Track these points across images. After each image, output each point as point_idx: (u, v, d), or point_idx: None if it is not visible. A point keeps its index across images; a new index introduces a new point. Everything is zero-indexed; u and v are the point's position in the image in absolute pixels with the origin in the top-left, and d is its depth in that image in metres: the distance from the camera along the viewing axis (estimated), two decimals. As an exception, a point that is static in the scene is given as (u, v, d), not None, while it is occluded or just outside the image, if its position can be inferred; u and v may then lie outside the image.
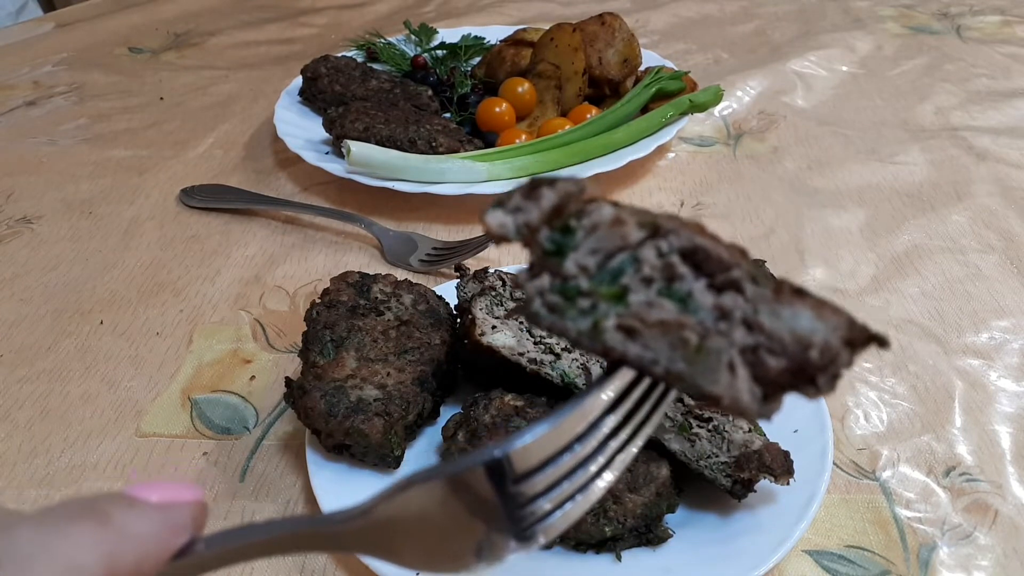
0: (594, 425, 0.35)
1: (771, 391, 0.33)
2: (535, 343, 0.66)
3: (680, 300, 0.33)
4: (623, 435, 0.36)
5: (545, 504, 0.34)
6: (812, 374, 0.32)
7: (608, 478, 0.36)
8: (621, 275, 0.34)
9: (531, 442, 0.33)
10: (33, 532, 0.28)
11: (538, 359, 0.66)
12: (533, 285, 0.35)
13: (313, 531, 0.35)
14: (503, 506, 0.34)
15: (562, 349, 0.67)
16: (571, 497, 0.35)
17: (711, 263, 0.33)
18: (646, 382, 0.36)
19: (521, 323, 0.67)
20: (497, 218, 0.35)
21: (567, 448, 0.35)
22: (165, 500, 0.33)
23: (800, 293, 0.33)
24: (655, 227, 0.34)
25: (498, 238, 0.36)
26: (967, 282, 0.91)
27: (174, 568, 0.32)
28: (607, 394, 0.35)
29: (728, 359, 0.32)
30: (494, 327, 0.66)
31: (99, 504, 0.30)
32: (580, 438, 0.35)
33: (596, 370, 0.67)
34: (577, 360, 0.67)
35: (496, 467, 0.33)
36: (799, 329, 0.32)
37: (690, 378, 0.32)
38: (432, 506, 0.34)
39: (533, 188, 0.35)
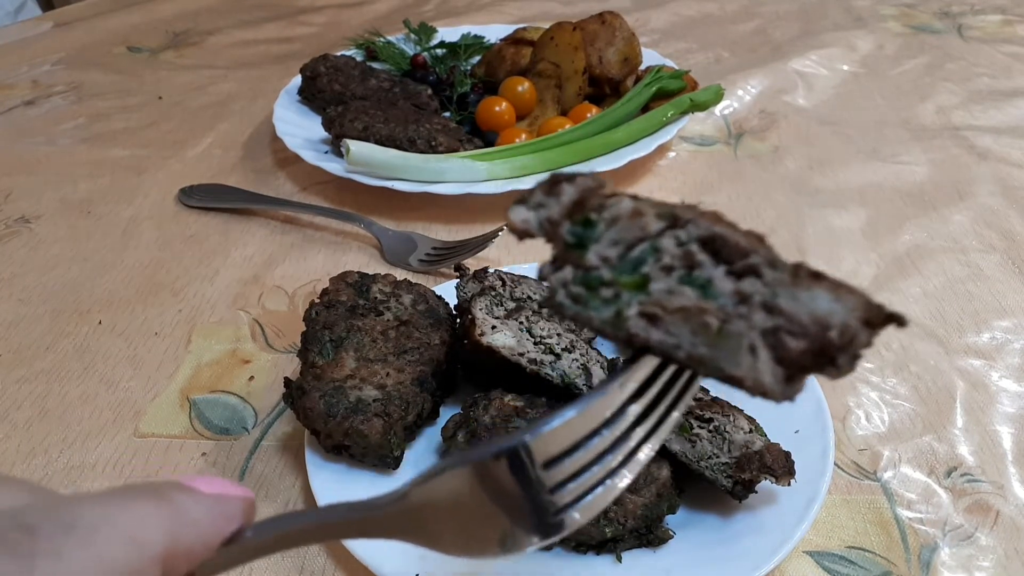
0: (621, 411, 0.35)
1: (793, 372, 0.33)
2: (535, 343, 0.66)
3: (700, 287, 0.34)
4: (651, 421, 0.36)
5: (573, 490, 0.35)
6: (832, 355, 0.32)
7: (637, 464, 0.36)
8: (642, 264, 0.35)
9: (557, 428, 0.34)
10: (97, 506, 0.29)
11: (538, 359, 0.65)
12: (556, 277, 0.36)
13: (355, 517, 0.35)
14: (525, 495, 0.34)
15: (562, 349, 0.67)
16: (601, 482, 0.35)
17: (729, 250, 0.34)
18: (671, 370, 0.36)
19: (521, 323, 0.67)
20: (520, 214, 0.36)
21: (595, 434, 0.35)
22: (217, 492, 0.34)
23: (817, 276, 0.33)
24: (674, 217, 0.35)
25: (521, 233, 0.37)
26: (969, 282, 0.91)
27: (222, 555, 0.33)
28: (632, 382, 0.35)
29: (749, 342, 0.33)
30: (494, 327, 0.66)
31: (159, 487, 0.32)
32: (607, 424, 0.35)
33: (596, 371, 0.67)
34: (577, 360, 0.67)
35: (517, 455, 0.34)
36: (818, 311, 0.32)
37: (712, 361, 0.33)
38: (463, 492, 0.34)
39: (553, 184, 0.37)
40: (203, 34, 1.66)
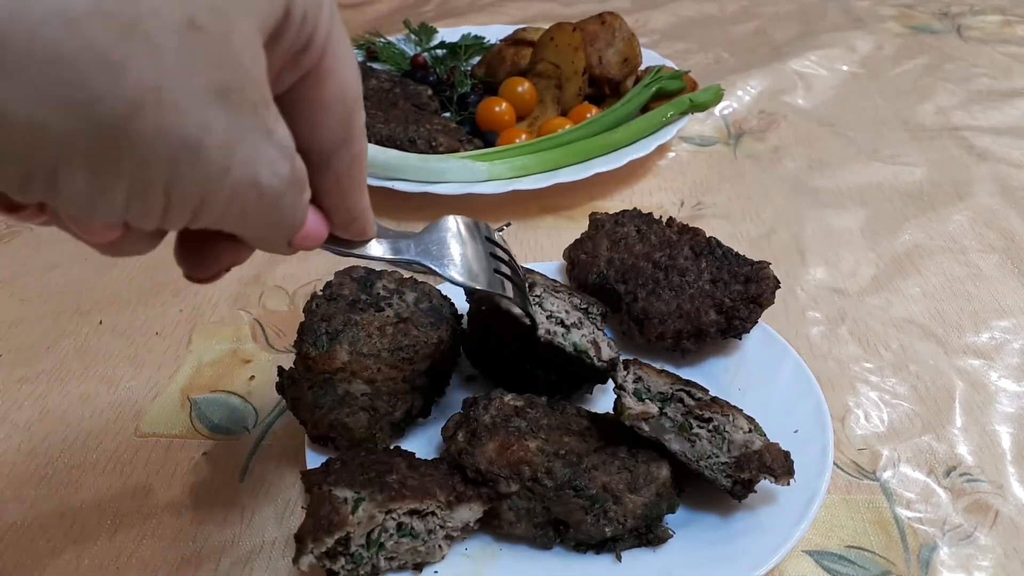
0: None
1: None
2: (547, 317, 0.68)
3: (408, 534, 0.57)
4: None
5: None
6: None
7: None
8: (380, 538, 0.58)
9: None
10: None
11: (551, 330, 0.67)
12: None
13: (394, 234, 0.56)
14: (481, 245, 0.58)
15: (571, 324, 0.69)
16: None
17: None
18: None
19: (534, 297, 0.69)
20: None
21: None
22: None
23: None
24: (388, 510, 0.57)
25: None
26: (968, 282, 0.91)
27: None
28: None
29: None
30: None
31: None
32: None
33: (604, 347, 0.69)
34: (586, 336, 0.68)
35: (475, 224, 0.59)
36: None
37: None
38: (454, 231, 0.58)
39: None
40: (203, 34, 1.66)
